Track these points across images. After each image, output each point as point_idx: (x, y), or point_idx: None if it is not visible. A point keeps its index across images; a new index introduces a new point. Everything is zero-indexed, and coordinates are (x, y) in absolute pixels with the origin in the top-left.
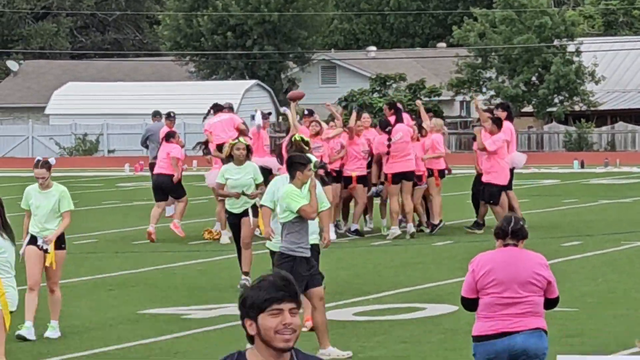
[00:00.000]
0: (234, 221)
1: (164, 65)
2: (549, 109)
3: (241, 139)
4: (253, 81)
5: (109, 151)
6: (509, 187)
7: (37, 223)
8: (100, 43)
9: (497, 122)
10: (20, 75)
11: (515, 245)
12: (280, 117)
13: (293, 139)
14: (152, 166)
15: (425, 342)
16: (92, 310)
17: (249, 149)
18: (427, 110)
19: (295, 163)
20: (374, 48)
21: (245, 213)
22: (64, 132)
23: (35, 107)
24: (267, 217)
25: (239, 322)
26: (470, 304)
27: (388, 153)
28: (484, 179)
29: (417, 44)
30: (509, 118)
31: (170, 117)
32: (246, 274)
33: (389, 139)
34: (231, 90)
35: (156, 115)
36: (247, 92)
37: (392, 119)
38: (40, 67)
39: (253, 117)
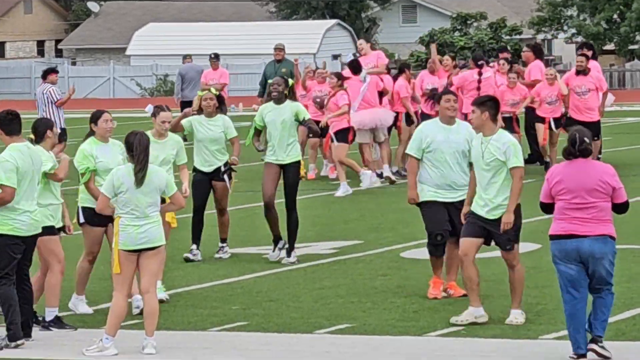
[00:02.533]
0: (201, 179)
1: (244, 5)
2: (631, 47)
3: (212, 89)
4: (334, 21)
5: None
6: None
7: None
8: None
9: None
10: (102, 16)
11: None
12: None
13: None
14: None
15: (508, 280)
16: (175, 250)
17: (220, 100)
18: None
19: None
20: None
21: (216, 174)
22: (145, 73)
23: (116, 48)
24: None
25: (321, 262)
26: (547, 208)
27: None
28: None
29: None
30: (594, 57)
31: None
32: (224, 240)
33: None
34: (311, 30)
35: (187, 57)
36: (328, 32)
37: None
38: (121, 8)
39: (335, 57)
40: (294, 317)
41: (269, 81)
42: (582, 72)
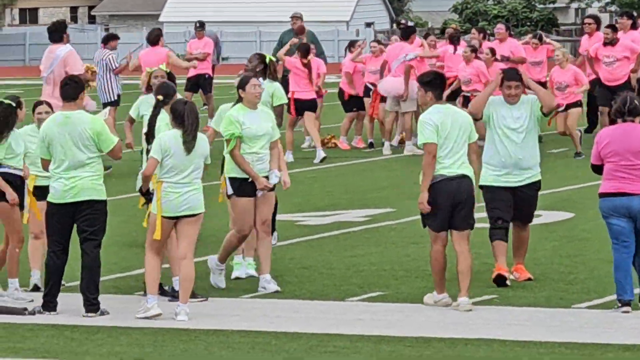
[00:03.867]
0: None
1: None
2: None
3: (162, 65)
4: None
5: (223, 59)
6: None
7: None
8: None
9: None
10: None
11: (632, 122)
12: (394, 25)
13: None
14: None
15: (540, 249)
16: (206, 217)
17: (170, 78)
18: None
19: None
20: None
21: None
22: (178, 40)
23: (149, 15)
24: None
25: (354, 229)
26: (597, 169)
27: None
28: None
29: None
30: (634, 27)
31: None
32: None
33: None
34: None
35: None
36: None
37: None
38: None
39: (369, 25)
40: (326, 284)
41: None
42: (609, 43)
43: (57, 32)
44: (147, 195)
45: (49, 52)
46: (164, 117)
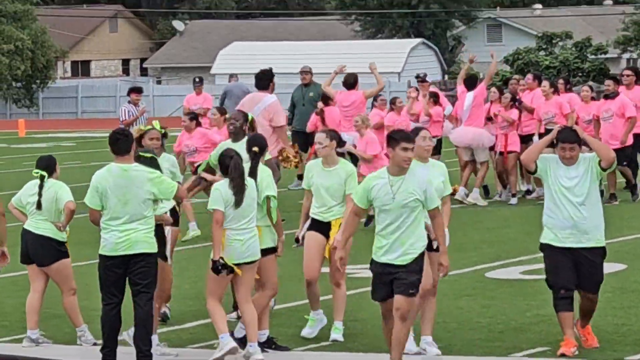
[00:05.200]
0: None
1: (329, 25)
2: None
3: (155, 122)
4: (418, 40)
5: None
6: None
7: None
8: (265, 2)
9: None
10: (186, 35)
11: None
12: (446, 75)
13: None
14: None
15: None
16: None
17: (165, 136)
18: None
19: None
20: (539, 6)
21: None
22: None
23: (201, 67)
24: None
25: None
26: None
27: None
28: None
29: (583, 1)
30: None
31: None
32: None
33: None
34: (396, 49)
35: (233, 76)
36: (413, 50)
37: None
38: (206, 27)
39: (419, 77)
40: (378, 336)
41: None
42: (608, 96)
43: (264, 80)
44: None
45: (252, 97)
46: (263, 168)
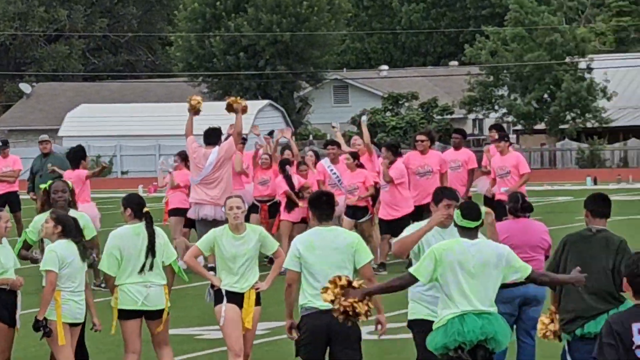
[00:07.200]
0: None
1: (176, 87)
2: (561, 126)
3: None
4: (265, 101)
5: (123, 172)
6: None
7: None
8: (112, 65)
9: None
10: (33, 97)
11: (526, 217)
12: (293, 137)
13: None
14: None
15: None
16: (104, 332)
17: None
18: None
19: None
20: (386, 67)
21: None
22: None
23: (48, 130)
24: None
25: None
26: None
27: None
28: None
29: (429, 62)
30: (503, 138)
31: None
32: None
33: None
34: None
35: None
36: (260, 112)
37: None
38: (53, 90)
39: (270, 134)
40: None
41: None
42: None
43: (214, 137)
44: None
45: (204, 153)
46: None
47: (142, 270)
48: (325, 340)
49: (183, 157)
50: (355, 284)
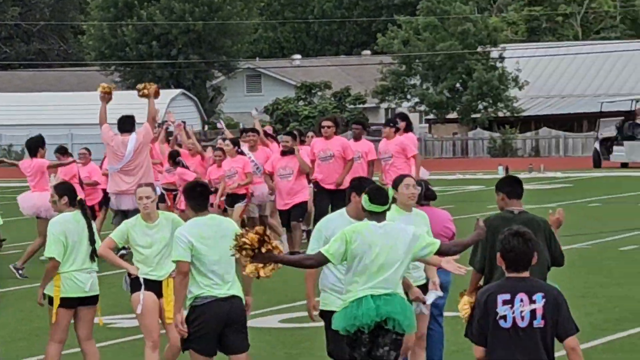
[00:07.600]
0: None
1: (89, 76)
2: (473, 115)
3: None
4: (178, 90)
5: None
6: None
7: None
8: (24, 54)
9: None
10: None
11: (428, 205)
12: (206, 126)
13: None
14: None
15: None
16: (19, 321)
17: None
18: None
19: None
20: (298, 56)
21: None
22: None
23: None
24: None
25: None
26: None
27: None
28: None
29: (342, 51)
30: (409, 128)
31: None
32: None
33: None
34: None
35: None
36: (173, 101)
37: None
38: None
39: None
40: None
41: None
42: (288, 152)
43: (128, 124)
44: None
45: (122, 141)
46: None
47: (89, 257)
48: (222, 328)
49: (63, 152)
50: (265, 248)
